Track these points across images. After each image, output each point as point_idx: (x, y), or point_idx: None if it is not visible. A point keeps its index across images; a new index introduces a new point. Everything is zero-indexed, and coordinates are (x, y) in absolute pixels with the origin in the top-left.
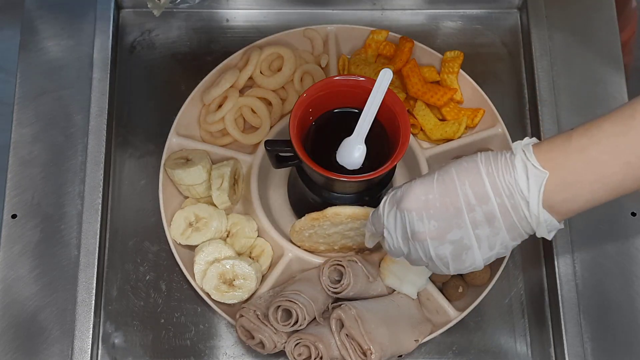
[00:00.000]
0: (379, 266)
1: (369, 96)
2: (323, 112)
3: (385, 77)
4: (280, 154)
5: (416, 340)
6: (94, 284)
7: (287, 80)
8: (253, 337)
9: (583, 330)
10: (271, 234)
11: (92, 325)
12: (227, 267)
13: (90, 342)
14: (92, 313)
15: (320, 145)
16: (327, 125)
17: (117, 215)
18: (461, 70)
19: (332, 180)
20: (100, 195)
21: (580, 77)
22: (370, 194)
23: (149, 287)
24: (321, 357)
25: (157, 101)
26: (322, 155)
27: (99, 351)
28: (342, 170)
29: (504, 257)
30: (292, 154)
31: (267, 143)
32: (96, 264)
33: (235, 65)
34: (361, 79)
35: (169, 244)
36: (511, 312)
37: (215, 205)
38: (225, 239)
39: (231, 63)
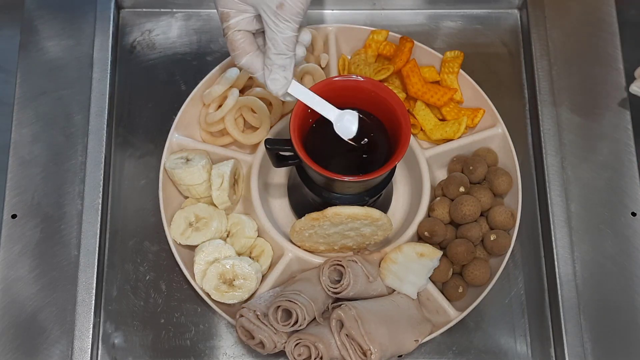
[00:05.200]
0: (379, 266)
1: (368, 96)
2: None
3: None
4: (280, 152)
5: (416, 341)
6: (94, 284)
7: None
8: (253, 337)
9: (583, 330)
10: (271, 234)
11: (92, 325)
12: (227, 267)
13: (90, 342)
14: (92, 313)
15: (320, 145)
16: (327, 125)
17: (117, 215)
18: (461, 70)
19: (332, 180)
20: (100, 195)
21: (580, 77)
22: (370, 194)
23: (149, 287)
24: (321, 357)
25: (157, 101)
26: (322, 155)
27: (99, 351)
28: (342, 171)
29: (504, 258)
30: (292, 153)
31: (267, 142)
32: (96, 264)
33: (236, 65)
34: (361, 79)
35: (169, 244)
36: (511, 312)
37: (215, 205)
38: (225, 239)
39: (231, 63)
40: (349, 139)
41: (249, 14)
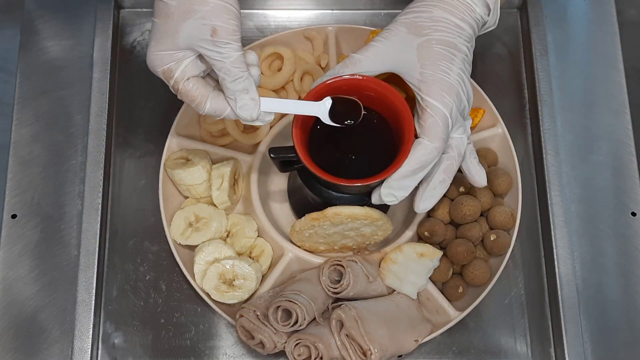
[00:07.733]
0: (379, 266)
1: (372, 94)
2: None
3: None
4: (285, 160)
5: (416, 341)
6: (94, 284)
7: (287, 80)
8: (253, 337)
9: (583, 330)
10: (271, 234)
11: (92, 325)
12: (227, 267)
13: (90, 342)
14: (92, 313)
15: (324, 144)
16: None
17: (117, 215)
18: None
19: (337, 185)
20: (100, 195)
21: (580, 77)
22: (371, 194)
23: (149, 287)
24: (321, 358)
25: (157, 101)
26: (326, 156)
27: (99, 351)
28: (347, 172)
29: (504, 258)
30: (296, 159)
31: (272, 151)
32: (96, 264)
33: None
34: (360, 77)
35: (169, 244)
36: (511, 312)
37: (215, 205)
38: (225, 239)
39: None
40: (339, 123)
41: (189, 58)
